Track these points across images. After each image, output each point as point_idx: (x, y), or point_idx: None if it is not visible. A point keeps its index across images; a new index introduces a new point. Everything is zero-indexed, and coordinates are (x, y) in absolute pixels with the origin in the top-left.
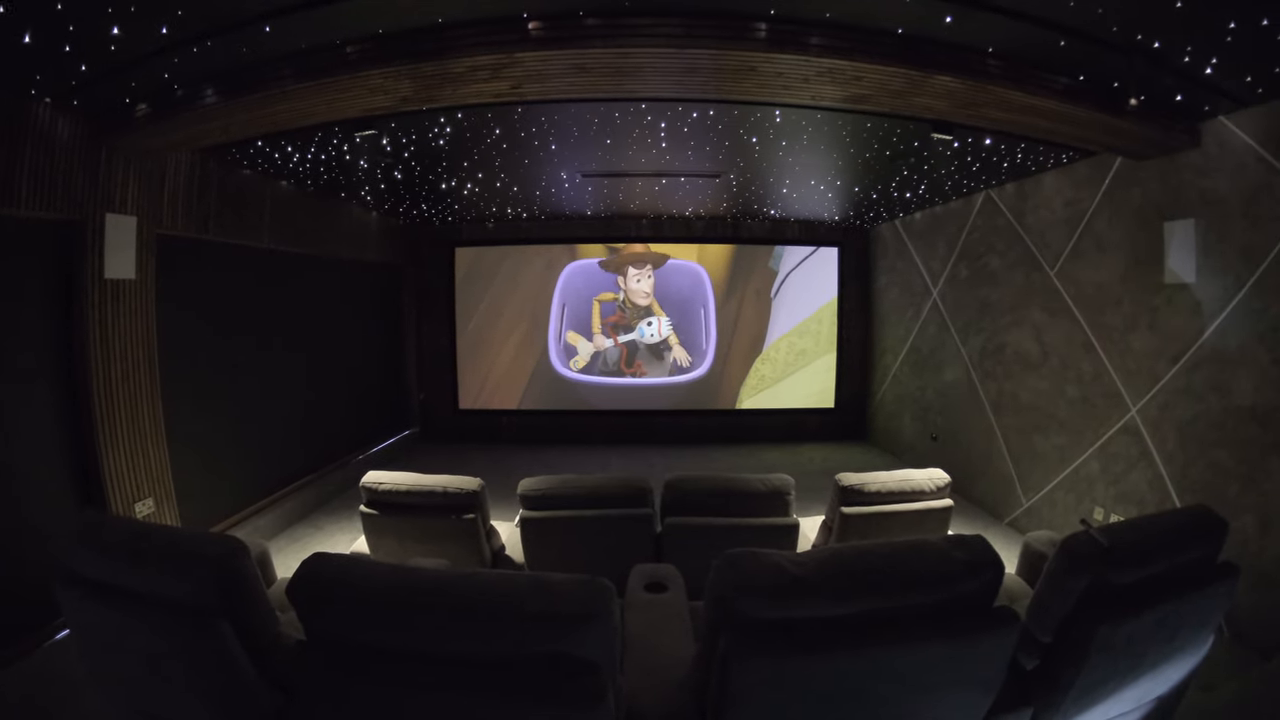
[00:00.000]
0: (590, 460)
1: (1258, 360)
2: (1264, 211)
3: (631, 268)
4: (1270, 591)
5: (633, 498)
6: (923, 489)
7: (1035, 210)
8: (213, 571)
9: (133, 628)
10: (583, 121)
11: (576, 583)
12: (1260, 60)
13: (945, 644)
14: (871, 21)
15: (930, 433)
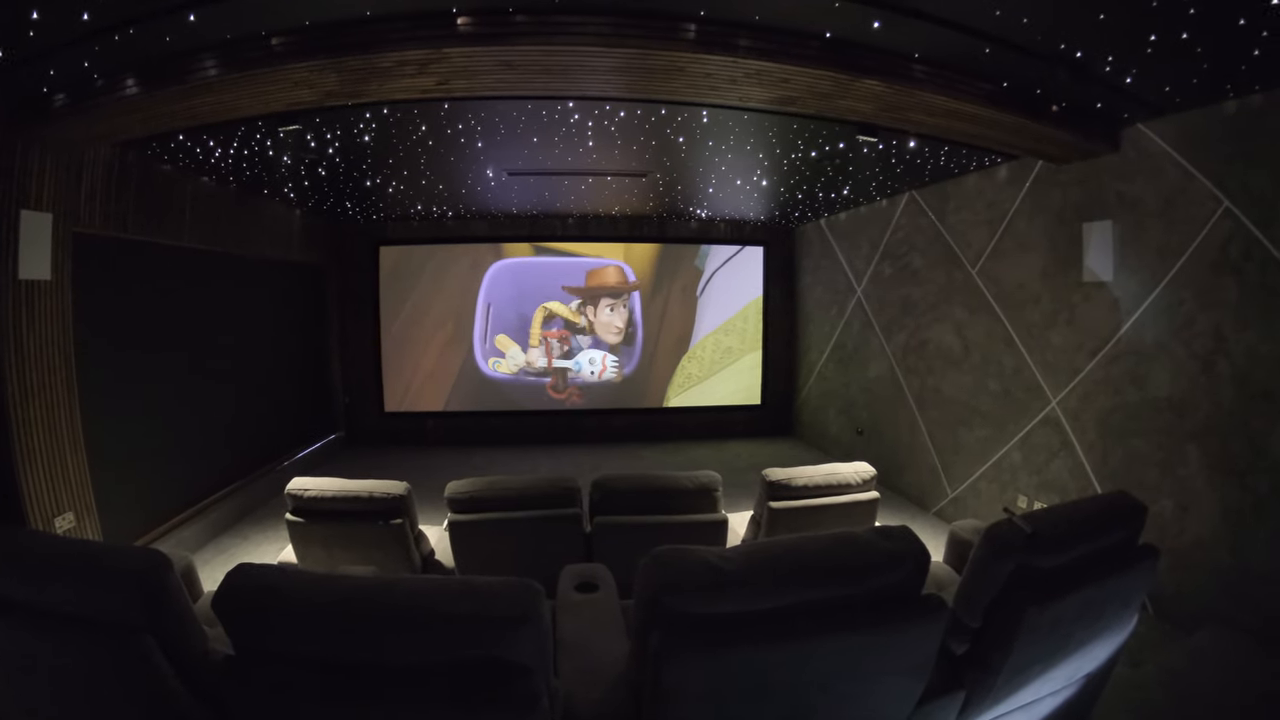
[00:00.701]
0: (519, 461)
1: (1173, 354)
2: (1179, 214)
3: (605, 298)
4: (1190, 570)
5: (561, 498)
6: (849, 482)
7: (957, 211)
8: (136, 587)
9: (52, 649)
10: (510, 119)
11: (505, 585)
12: (1179, 71)
13: (874, 633)
14: (800, 25)
15: (856, 427)
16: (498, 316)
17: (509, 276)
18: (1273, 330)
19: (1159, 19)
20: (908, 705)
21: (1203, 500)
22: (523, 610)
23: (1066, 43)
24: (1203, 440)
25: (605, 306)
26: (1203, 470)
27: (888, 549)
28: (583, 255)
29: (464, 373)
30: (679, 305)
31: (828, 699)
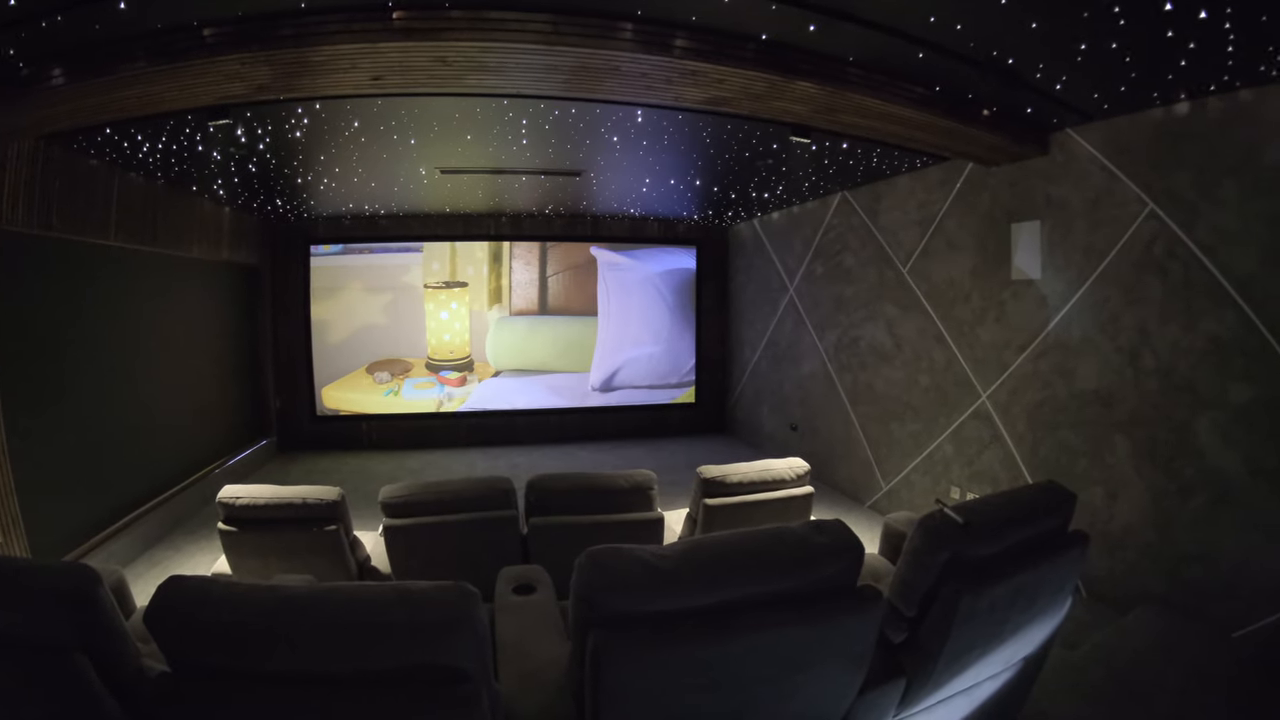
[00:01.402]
0: (455, 463)
1: (1100, 348)
2: (1105, 215)
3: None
4: (1121, 554)
5: (496, 500)
6: (783, 478)
7: (889, 211)
8: (66, 604)
9: None
10: (444, 116)
11: (440, 589)
12: (1107, 79)
13: (812, 625)
14: (737, 27)
15: (790, 423)
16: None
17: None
18: (1195, 325)
19: (1089, 29)
20: (850, 694)
21: (1131, 487)
22: (458, 614)
23: (999, 49)
24: (1129, 430)
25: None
26: (1130, 459)
27: (822, 543)
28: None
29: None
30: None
31: (770, 692)
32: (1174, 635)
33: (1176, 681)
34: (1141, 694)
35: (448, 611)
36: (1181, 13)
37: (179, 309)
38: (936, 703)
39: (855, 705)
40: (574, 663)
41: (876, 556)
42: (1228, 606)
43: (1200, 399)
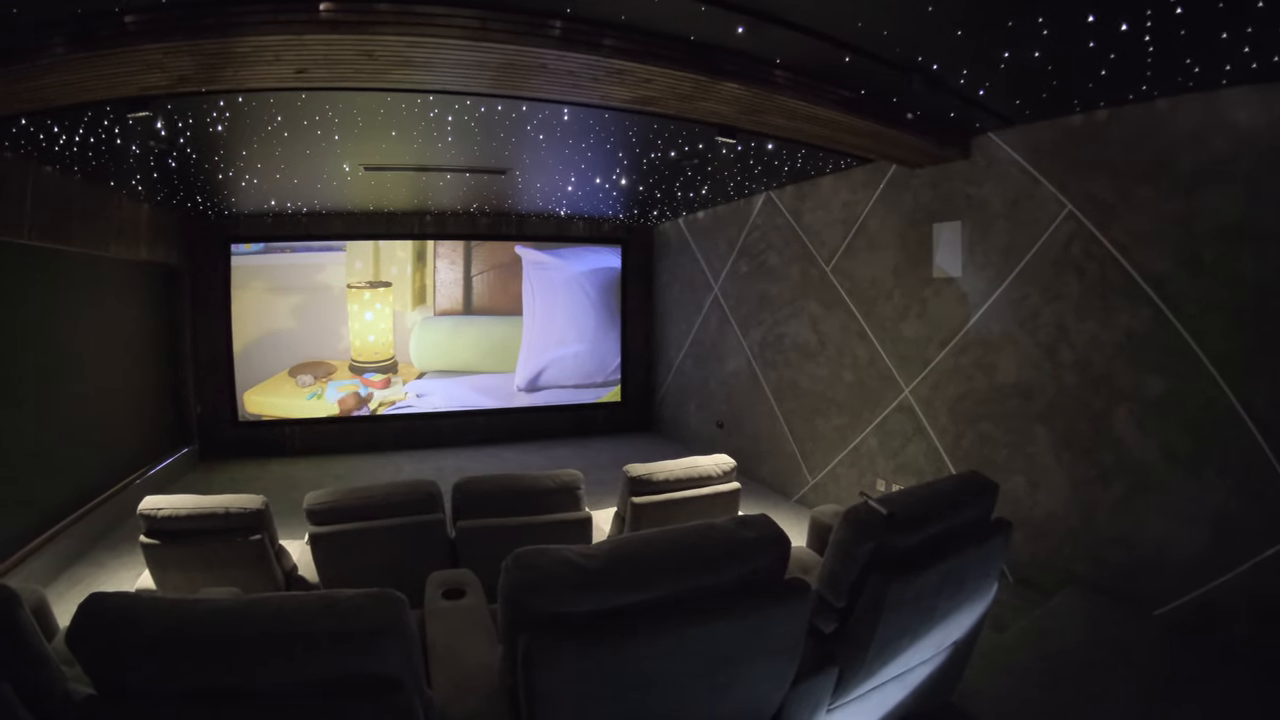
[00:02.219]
0: (381, 468)
1: (1019, 343)
2: (1024, 215)
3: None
4: (1044, 539)
5: (423, 504)
6: (710, 474)
7: (813, 211)
8: None
9: None
10: (369, 111)
11: (366, 597)
12: (1029, 86)
13: (742, 619)
14: (665, 27)
15: (716, 420)
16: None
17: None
18: (1111, 321)
19: (1013, 38)
20: (784, 685)
21: (1052, 475)
22: (385, 622)
23: (924, 55)
24: (1049, 421)
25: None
26: (1050, 448)
27: (748, 537)
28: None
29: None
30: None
31: (705, 687)
32: (1098, 615)
33: (1102, 659)
34: (1069, 672)
35: (375, 619)
36: (1103, 25)
37: (96, 311)
38: (870, 690)
39: (790, 696)
40: (506, 667)
41: (804, 549)
42: (1149, 586)
43: (1117, 391)
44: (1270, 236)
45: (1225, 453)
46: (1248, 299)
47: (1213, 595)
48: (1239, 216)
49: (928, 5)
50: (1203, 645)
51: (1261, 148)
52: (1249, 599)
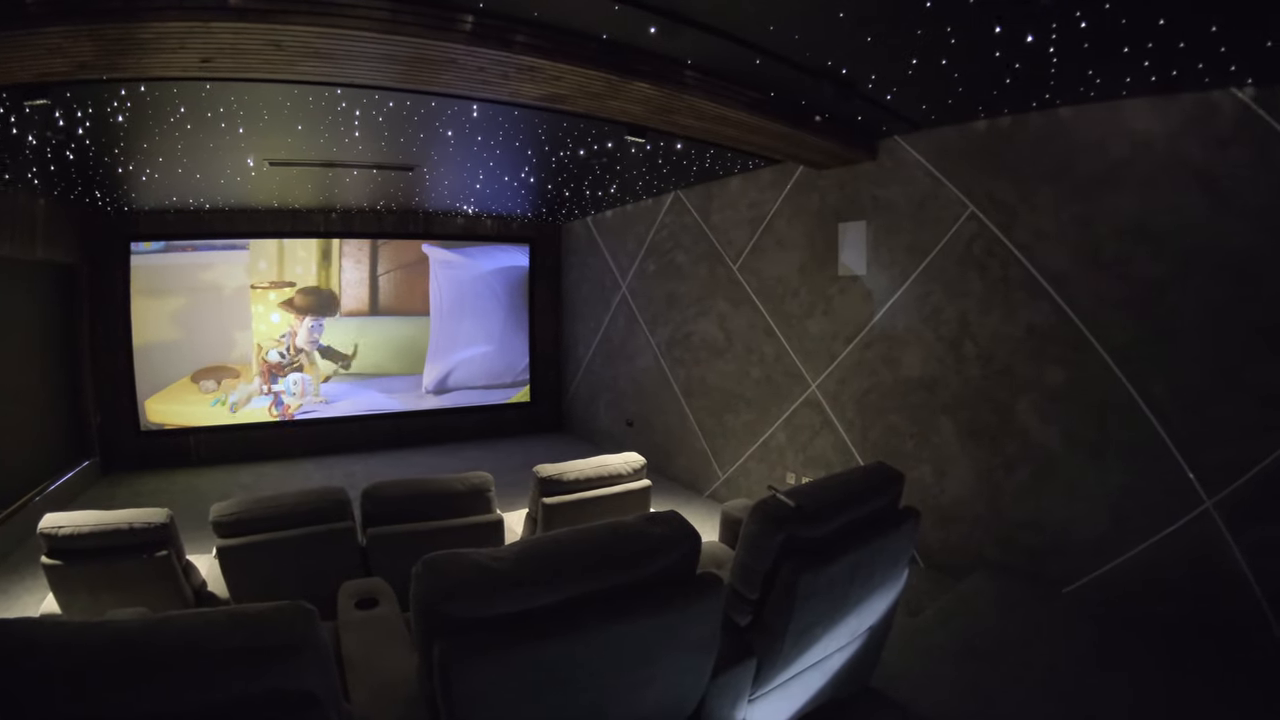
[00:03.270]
0: (289, 475)
1: (923, 338)
2: (928, 216)
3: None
4: (953, 525)
5: (331, 512)
6: (620, 473)
7: (721, 210)
8: None
9: None
10: (274, 104)
11: (276, 610)
12: (936, 92)
13: (656, 616)
14: (578, 25)
15: (626, 418)
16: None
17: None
18: (1012, 316)
19: (922, 45)
20: (702, 679)
21: (958, 463)
22: (296, 636)
23: (834, 59)
24: (954, 412)
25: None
26: (955, 438)
27: (658, 534)
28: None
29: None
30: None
31: (624, 685)
32: (1009, 595)
33: (1015, 636)
34: (983, 650)
35: (286, 634)
36: (1009, 36)
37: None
38: (790, 678)
39: (710, 689)
40: (423, 674)
41: (717, 544)
42: (1057, 565)
43: (1019, 382)
44: (1164, 237)
45: (1124, 438)
46: (1142, 295)
47: (1117, 572)
48: (1135, 218)
49: (838, 11)
50: (1109, 619)
51: (1157, 154)
52: (1150, 574)
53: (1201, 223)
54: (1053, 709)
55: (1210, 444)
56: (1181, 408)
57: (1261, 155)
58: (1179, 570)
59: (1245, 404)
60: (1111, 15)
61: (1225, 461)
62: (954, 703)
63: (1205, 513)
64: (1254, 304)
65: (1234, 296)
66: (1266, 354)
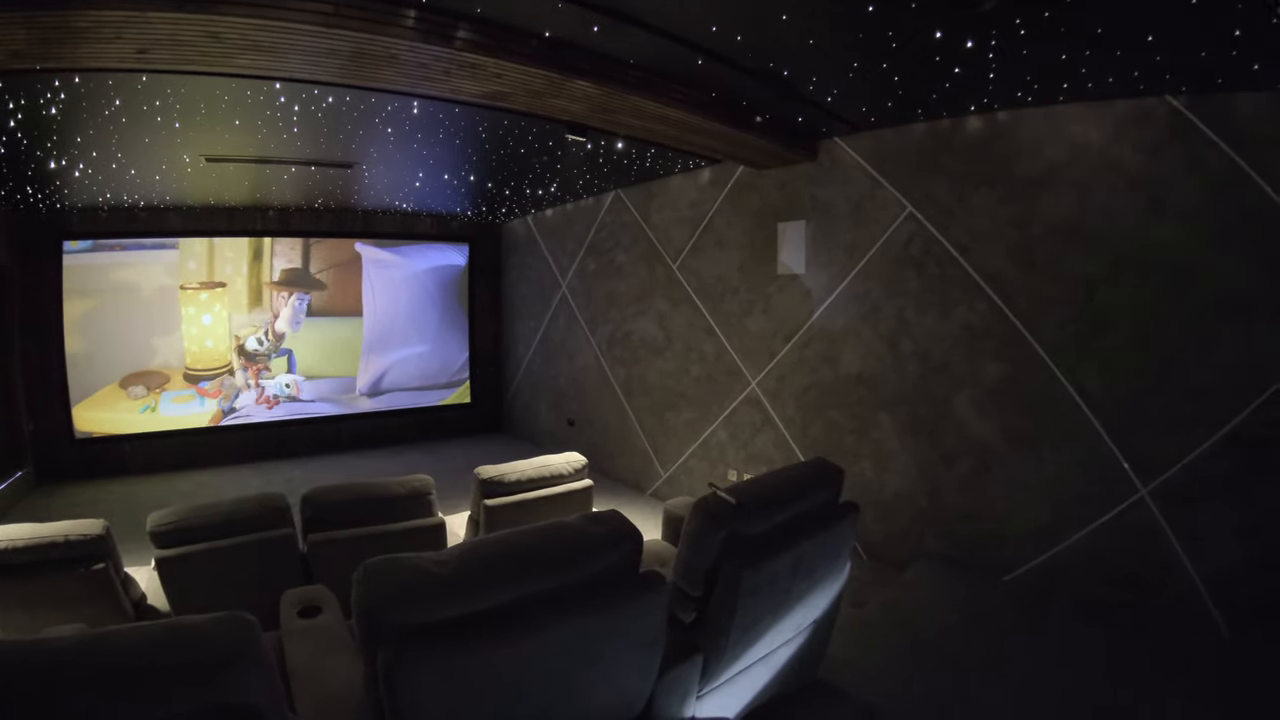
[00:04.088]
0: (228, 482)
1: (862, 335)
2: (867, 215)
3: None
4: (894, 518)
5: (271, 519)
6: (562, 473)
7: (661, 210)
8: None
9: None
10: (212, 98)
11: (215, 622)
12: (876, 95)
13: (601, 615)
14: (521, 22)
15: (567, 418)
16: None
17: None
18: (948, 314)
19: (864, 49)
20: (650, 678)
21: (897, 458)
22: (237, 648)
23: (776, 61)
24: (893, 408)
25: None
26: (895, 433)
27: (600, 533)
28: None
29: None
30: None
31: (571, 686)
32: (951, 585)
33: (958, 624)
34: (927, 639)
35: (227, 646)
36: (950, 41)
37: None
38: (737, 673)
39: (658, 687)
40: (368, 683)
41: (660, 542)
42: (997, 555)
43: (956, 378)
44: (1097, 238)
45: (1060, 431)
46: (1077, 293)
47: (1056, 560)
48: (1070, 219)
49: (781, 14)
50: (1049, 605)
51: (1092, 158)
52: (1088, 561)
53: (1134, 224)
54: (998, 693)
55: (1143, 435)
56: (1115, 401)
57: (1192, 160)
58: (1117, 557)
59: (1177, 396)
60: (1051, 23)
61: (1158, 452)
62: (901, 691)
63: (1140, 501)
64: (1185, 302)
65: (1165, 294)
66: (1197, 349)
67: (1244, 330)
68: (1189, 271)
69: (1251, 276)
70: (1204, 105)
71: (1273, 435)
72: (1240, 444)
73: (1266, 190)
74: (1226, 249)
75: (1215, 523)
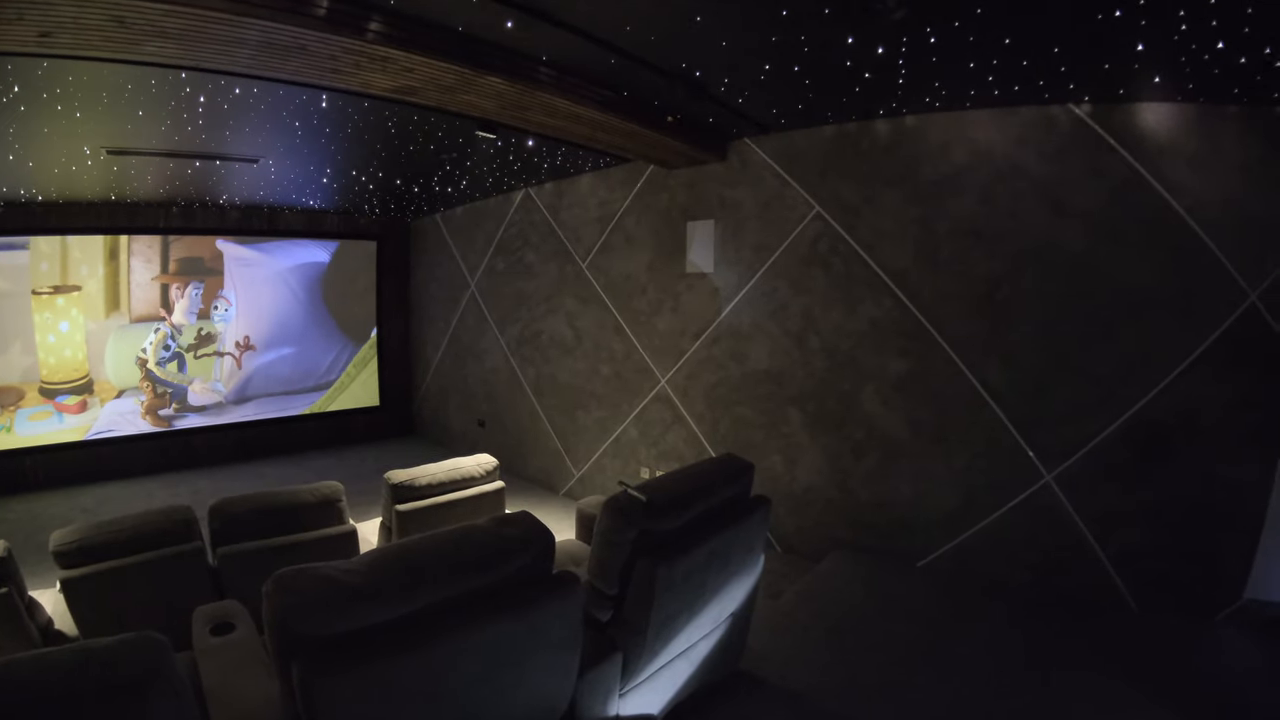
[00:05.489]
0: (133, 495)
1: (769, 332)
2: (775, 215)
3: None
4: (807, 510)
5: (178, 533)
6: (473, 475)
7: (570, 208)
8: None
9: None
10: (115, 86)
11: (124, 644)
12: (787, 97)
13: (514, 618)
14: (434, 15)
15: (477, 419)
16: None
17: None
18: (854, 311)
19: (776, 52)
20: (570, 678)
21: (807, 452)
22: (148, 670)
23: (688, 62)
24: (801, 403)
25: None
26: (804, 427)
27: (510, 535)
28: None
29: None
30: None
31: (491, 691)
32: (865, 573)
33: (874, 611)
34: (845, 626)
35: (137, 668)
36: (861, 46)
37: None
38: (659, 669)
39: (579, 687)
40: (284, 699)
41: (574, 541)
42: (909, 543)
43: (863, 372)
44: (998, 237)
45: (966, 422)
46: (979, 290)
47: (967, 544)
48: (973, 220)
49: (695, 15)
50: (963, 589)
51: (996, 161)
52: (999, 545)
53: (1036, 224)
54: (915, 676)
55: (1047, 424)
56: (1018, 392)
57: (1094, 165)
58: (1026, 540)
59: (1078, 386)
60: (960, 32)
61: (1061, 439)
62: (821, 678)
63: (1046, 486)
64: (1086, 297)
65: (1067, 290)
66: (1097, 341)
67: (1141, 324)
68: (1089, 269)
69: (1148, 273)
70: (1106, 114)
71: (1170, 421)
72: (1139, 430)
73: (1163, 194)
74: (1125, 248)
75: (1119, 505)
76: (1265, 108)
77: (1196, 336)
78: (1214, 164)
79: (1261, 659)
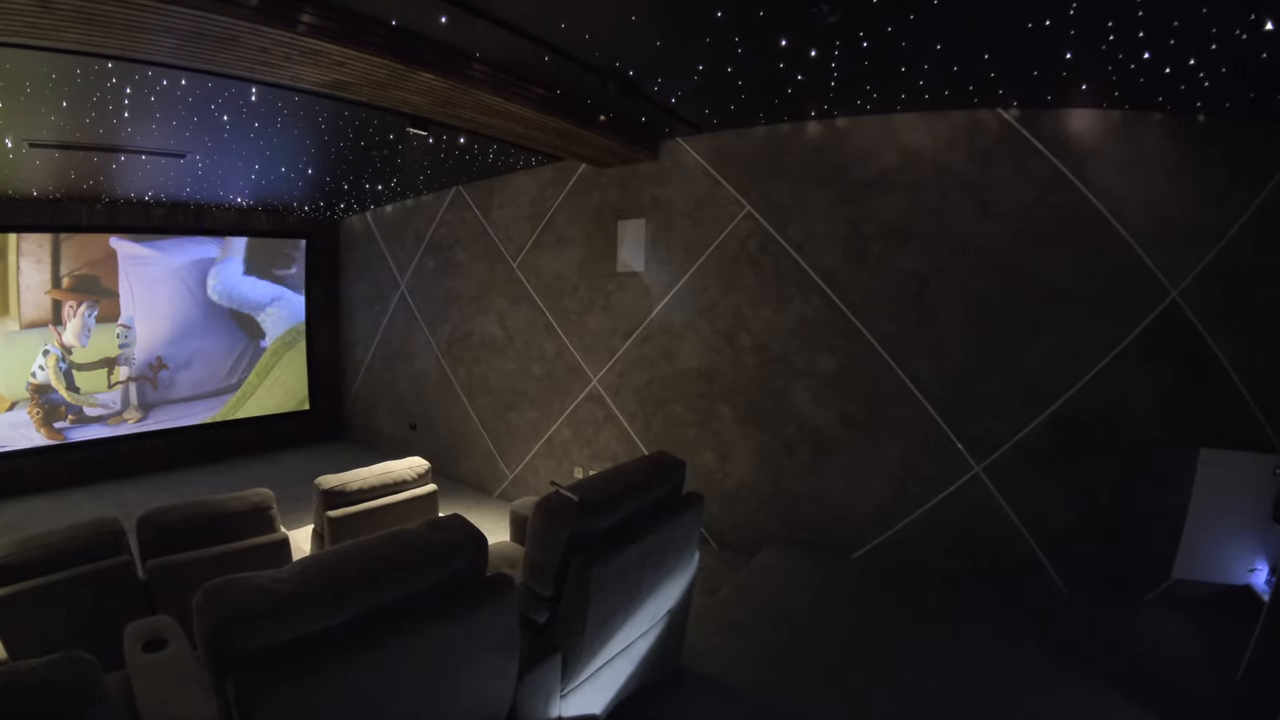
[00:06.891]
0: (59, 508)
1: (700, 331)
2: (706, 214)
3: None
4: (739, 507)
5: (105, 546)
6: (405, 478)
7: (502, 207)
8: None
9: None
10: (38, 75)
11: (51, 666)
12: (719, 98)
13: (451, 622)
14: (367, 8)
15: (409, 422)
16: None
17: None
18: (784, 309)
19: (710, 53)
20: (510, 681)
21: (739, 448)
22: (78, 692)
23: (622, 61)
24: (732, 400)
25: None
26: (735, 424)
27: (442, 539)
28: None
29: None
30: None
31: (431, 696)
32: (801, 566)
33: (810, 603)
34: (782, 619)
35: (66, 691)
36: (794, 49)
37: None
38: (599, 669)
39: (520, 690)
40: (221, 713)
41: (509, 543)
42: (843, 535)
43: (793, 369)
44: (926, 237)
45: (896, 417)
46: (907, 288)
47: (900, 535)
48: (901, 220)
49: (631, 15)
50: (897, 578)
51: (924, 164)
52: (932, 535)
53: (963, 224)
54: (852, 665)
55: (975, 417)
56: (946, 387)
57: (1020, 168)
58: (959, 529)
59: (1005, 381)
60: (893, 38)
61: (990, 431)
62: (760, 671)
63: (975, 477)
64: (1012, 295)
65: (993, 288)
66: (1023, 337)
67: (1065, 320)
68: (1014, 267)
69: (1072, 271)
70: (1034, 119)
71: (1095, 412)
72: (1064, 422)
73: (1088, 196)
74: (1049, 247)
75: (1047, 494)
76: (1188, 115)
77: (1120, 332)
78: (1138, 168)
79: (1188, 635)
